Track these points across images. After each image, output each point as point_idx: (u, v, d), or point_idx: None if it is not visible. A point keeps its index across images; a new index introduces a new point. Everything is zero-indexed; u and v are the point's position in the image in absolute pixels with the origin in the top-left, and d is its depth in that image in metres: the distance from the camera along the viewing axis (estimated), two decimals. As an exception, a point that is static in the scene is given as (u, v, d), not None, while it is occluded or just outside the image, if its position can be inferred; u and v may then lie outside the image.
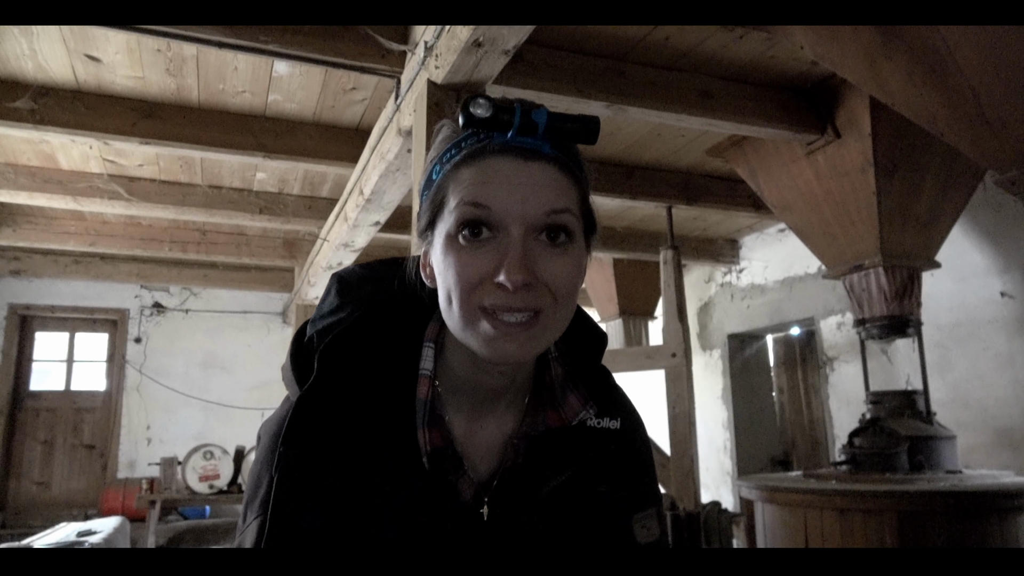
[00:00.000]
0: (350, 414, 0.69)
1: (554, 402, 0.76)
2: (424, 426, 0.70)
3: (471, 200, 0.65)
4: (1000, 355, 3.35)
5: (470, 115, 0.65)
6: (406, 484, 0.69)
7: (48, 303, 6.29)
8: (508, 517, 0.72)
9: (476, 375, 0.73)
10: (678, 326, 3.73)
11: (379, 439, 0.69)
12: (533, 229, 0.65)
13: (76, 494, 6.20)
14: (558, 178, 0.67)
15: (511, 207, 0.65)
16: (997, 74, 1.78)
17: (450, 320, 0.68)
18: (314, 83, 2.81)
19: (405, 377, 0.73)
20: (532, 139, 0.66)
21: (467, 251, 0.65)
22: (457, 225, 0.66)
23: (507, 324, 0.64)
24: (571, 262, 0.67)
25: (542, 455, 0.74)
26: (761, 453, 5.18)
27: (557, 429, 0.75)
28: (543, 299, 0.65)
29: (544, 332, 0.67)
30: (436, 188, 0.69)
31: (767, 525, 2.69)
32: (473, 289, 0.65)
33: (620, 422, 0.78)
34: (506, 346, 0.65)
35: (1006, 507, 2.32)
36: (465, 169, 0.67)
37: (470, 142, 0.68)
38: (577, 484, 0.74)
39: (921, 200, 2.83)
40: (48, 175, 3.64)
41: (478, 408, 0.75)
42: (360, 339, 0.73)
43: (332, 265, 4.15)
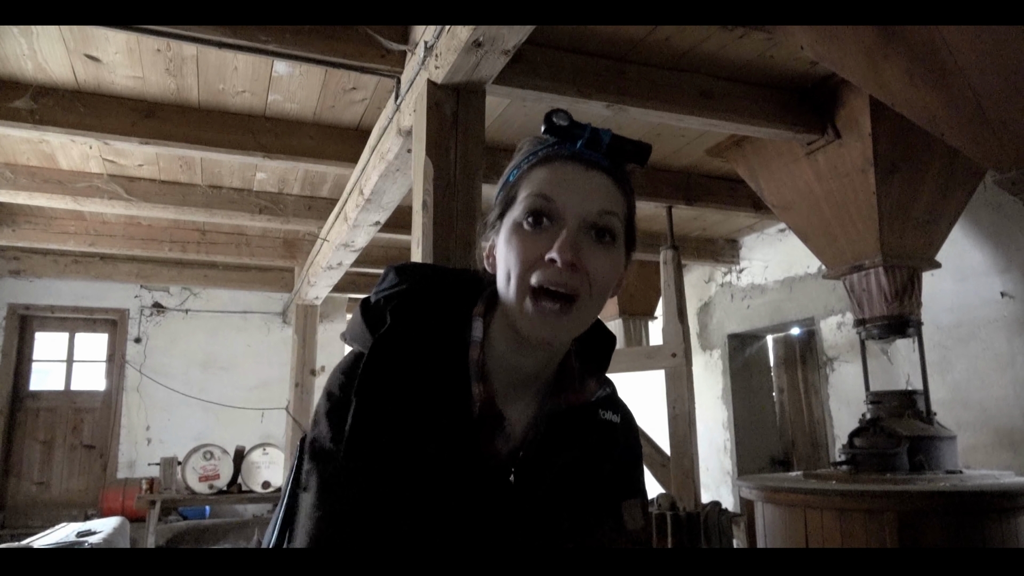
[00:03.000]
0: (416, 360, 0.80)
1: (573, 386, 0.86)
2: (477, 380, 0.81)
3: (539, 192, 0.78)
4: (1000, 355, 3.34)
5: (552, 123, 0.81)
6: (457, 428, 0.79)
7: (48, 303, 6.28)
8: (530, 484, 0.81)
9: (515, 357, 0.83)
10: (678, 326, 3.73)
11: (439, 384, 0.80)
12: (585, 224, 0.77)
13: (76, 494, 6.19)
14: (612, 188, 0.80)
15: (570, 201, 0.77)
16: (997, 74, 1.78)
17: (507, 296, 0.79)
18: (314, 83, 2.81)
19: (459, 340, 0.84)
20: (596, 152, 0.81)
21: (529, 235, 0.78)
22: (524, 212, 0.79)
23: (545, 310, 0.75)
24: (611, 259, 0.79)
25: (560, 431, 0.84)
26: (761, 453, 5.18)
27: (576, 407, 0.85)
28: (583, 285, 0.76)
29: (576, 320, 0.78)
30: (511, 187, 0.83)
31: (767, 525, 2.69)
32: (529, 266, 0.76)
33: (620, 419, 0.90)
34: (544, 327, 0.76)
35: (1006, 507, 2.32)
36: (538, 169, 0.81)
37: (545, 151, 0.82)
38: (587, 459, 0.85)
39: (921, 200, 2.83)
40: (48, 175, 3.63)
41: (512, 387, 0.84)
42: (423, 304, 0.85)
43: (332, 265, 4.15)
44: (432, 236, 1.91)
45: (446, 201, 1.95)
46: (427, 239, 1.92)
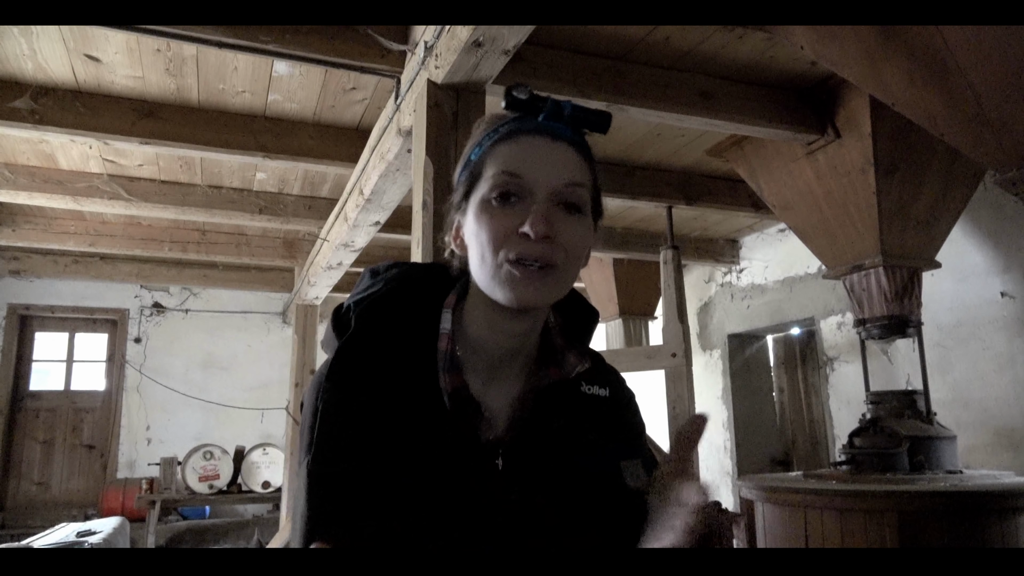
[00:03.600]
0: (382, 360, 0.80)
1: (555, 361, 0.86)
2: (445, 371, 0.80)
3: (506, 169, 0.78)
4: (1000, 355, 3.34)
5: (512, 97, 0.80)
6: (431, 422, 0.78)
7: (48, 303, 6.29)
8: (520, 468, 0.80)
9: (491, 336, 0.83)
10: (678, 326, 3.73)
11: (407, 381, 0.79)
12: (554, 196, 0.77)
13: (76, 494, 6.20)
14: (578, 159, 0.80)
15: (539, 176, 0.77)
16: (997, 74, 1.78)
17: (481, 275, 0.79)
18: (314, 83, 2.81)
19: (428, 334, 0.83)
20: (559, 124, 0.80)
21: (499, 212, 0.78)
22: (491, 189, 0.78)
23: (528, 269, 0.76)
24: (582, 228, 0.80)
25: (546, 406, 0.83)
26: (761, 453, 5.18)
27: (559, 381, 0.85)
28: (558, 254, 0.77)
29: (557, 283, 0.78)
30: (474, 165, 0.82)
31: (767, 525, 2.69)
32: (502, 242, 0.76)
33: (609, 391, 0.90)
34: (527, 289, 0.76)
35: (1006, 507, 2.32)
36: (502, 145, 0.80)
37: (507, 126, 0.81)
38: (571, 432, 0.84)
39: (921, 200, 2.83)
40: (48, 175, 3.63)
41: (492, 370, 0.84)
42: (391, 303, 0.85)
43: (332, 265, 4.15)
44: (432, 236, 1.91)
45: (446, 201, 1.95)
46: (427, 239, 1.92)
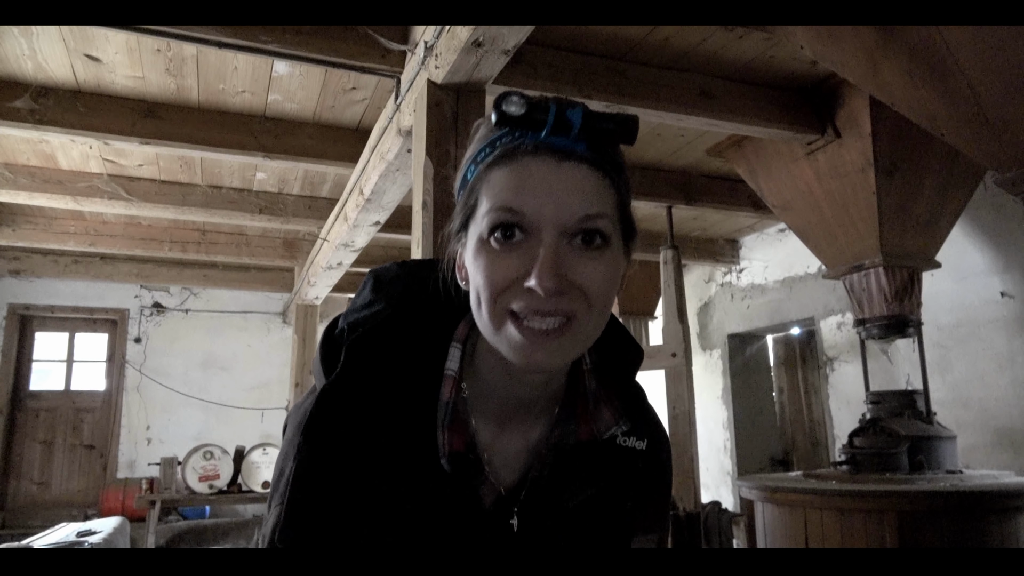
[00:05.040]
0: (372, 410, 0.68)
1: (586, 414, 0.74)
2: (444, 428, 0.69)
3: (503, 205, 0.63)
4: (1000, 355, 3.34)
5: (503, 113, 0.63)
6: (423, 485, 0.68)
7: (48, 303, 6.29)
8: (537, 528, 0.70)
9: (506, 383, 0.71)
10: (678, 326, 3.73)
11: (399, 437, 0.68)
12: (567, 234, 0.63)
13: (76, 494, 6.19)
14: (593, 180, 0.64)
15: (544, 212, 0.62)
16: (997, 74, 1.78)
17: (480, 323, 0.67)
18: (314, 83, 2.81)
19: (431, 377, 0.71)
20: (566, 139, 0.63)
21: (499, 254, 0.64)
22: (489, 229, 0.64)
23: (535, 332, 0.62)
24: (606, 266, 0.65)
25: (571, 467, 0.72)
26: (761, 453, 5.18)
27: (588, 442, 0.73)
28: (576, 304, 0.63)
29: (575, 340, 0.65)
30: (469, 189, 0.68)
31: (767, 525, 2.69)
32: (502, 292, 0.63)
33: (647, 443, 0.77)
34: (535, 355, 0.63)
35: (1006, 507, 2.31)
36: (497, 171, 0.65)
37: (504, 141, 0.65)
38: (604, 499, 0.74)
39: (921, 200, 2.83)
40: (48, 175, 3.63)
41: (507, 415, 0.73)
42: (389, 335, 0.72)
43: (332, 265, 4.15)
44: (432, 236, 1.91)
45: (446, 201, 1.95)
46: (427, 239, 1.92)
